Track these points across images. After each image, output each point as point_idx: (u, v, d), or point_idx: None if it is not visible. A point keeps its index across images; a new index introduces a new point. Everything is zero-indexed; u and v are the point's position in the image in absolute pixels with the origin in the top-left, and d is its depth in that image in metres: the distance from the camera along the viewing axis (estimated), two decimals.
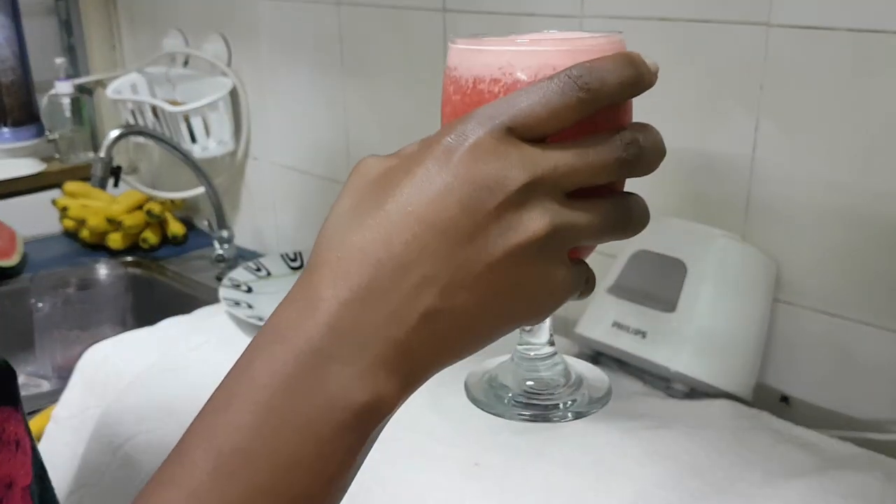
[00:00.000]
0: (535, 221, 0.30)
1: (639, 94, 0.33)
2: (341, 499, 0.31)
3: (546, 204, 0.30)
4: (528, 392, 0.39)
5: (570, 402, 0.39)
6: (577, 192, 0.31)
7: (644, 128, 0.33)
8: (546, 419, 0.38)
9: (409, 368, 0.30)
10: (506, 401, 0.39)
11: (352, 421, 0.30)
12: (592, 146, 0.31)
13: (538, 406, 0.38)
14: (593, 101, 0.31)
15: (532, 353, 0.39)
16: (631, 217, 0.33)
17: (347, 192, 0.32)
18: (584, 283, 0.33)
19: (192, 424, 0.31)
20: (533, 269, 0.30)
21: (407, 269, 0.29)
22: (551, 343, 0.40)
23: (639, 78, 0.32)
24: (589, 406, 0.38)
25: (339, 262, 0.30)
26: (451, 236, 0.29)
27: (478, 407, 0.39)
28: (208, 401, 0.32)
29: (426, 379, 0.32)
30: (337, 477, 0.30)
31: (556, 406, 0.38)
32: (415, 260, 0.29)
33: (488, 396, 0.39)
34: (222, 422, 0.30)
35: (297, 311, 0.30)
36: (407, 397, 0.31)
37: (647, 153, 0.32)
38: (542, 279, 0.31)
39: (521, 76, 0.32)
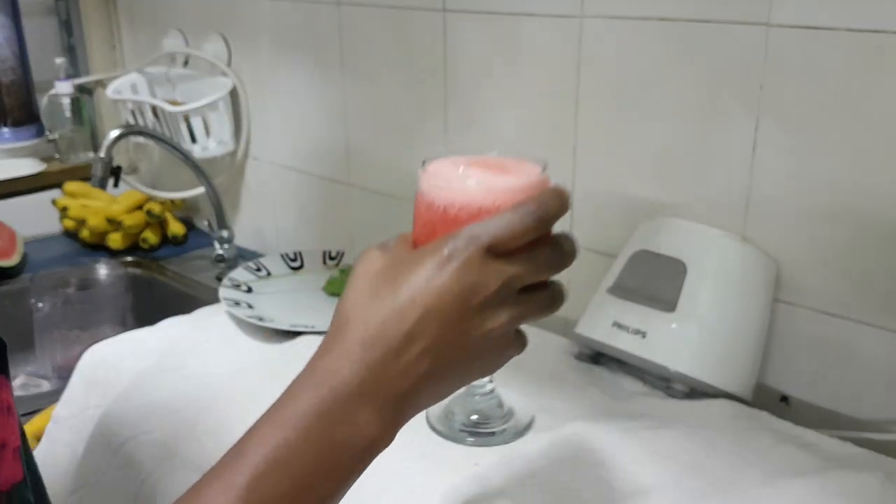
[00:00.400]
0: (502, 316, 0.43)
1: (565, 213, 0.46)
2: (342, 498, 0.43)
3: (509, 302, 0.44)
4: (473, 422, 0.53)
5: (503, 430, 0.53)
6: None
7: (567, 238, 0.47)
8: (487, 444, 0.53)
9: (405, 411, 0.43)
10: (457, 428, 0.53)
11: (365, 446, 0.42)
12: (537, 259, 0.45)
13: (480, 434, 0.53)
14: (543, 226, 0.44)
15: (476, 394, 0.53)
16: (555, 301, 0.47)
17: (361, 277, 0.44)
18: (521, 347, 0.47)
19: (248, 431, 0.42)
20: (495, 344, 0.44)
21: (413, 340, 0.42)
22: (490, 380, 0.54)
23: (566, 207, 0.46)
24: (515, 435, 0.53)
25: (365, 329, 0.42)
26: (445, 321, 0.42)
27: (437, 434, 0.53)
28: (264, 415, 0.43)
29: (420, 411, 0.45)
30: (347, 482, 0.43)
31: (492, 433, 0.53)
32: (419, 335, 0.41)
33: (444, 426, 0.54)
34: (273, 434, 0.41)
35: (334, 360, 0.42)
36: (399, 428, 0.44)
37: (569, 258, 0.46)
38: (499, 351, 0.45)
39: (484, 205, 0.44)
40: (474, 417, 0.54)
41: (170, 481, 0.72)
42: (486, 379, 0.53)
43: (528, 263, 0.44)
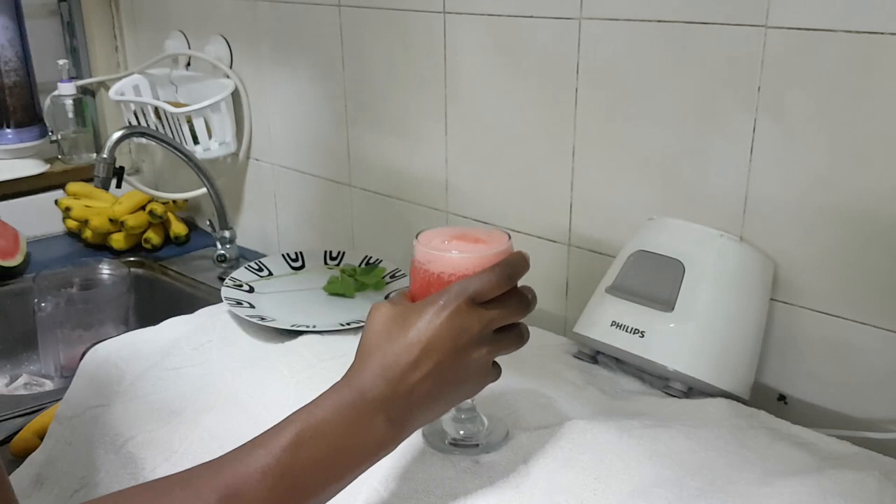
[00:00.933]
0: (483, 350, 0.57)
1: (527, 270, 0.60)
2: (347, 484, 0.54)
3: (487, 340, 0.57)
4: (460, 438, 0.66)
5: (485, 443, 0.66)
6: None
7: (529, 290, 0.60)
8: (470, 454, 0.65)
9: (409, 423, 0.56)
10: (446, 442, 0.66)
11: (376, 444, 0.55)
12: (508, 306, 0.58)
13: (465, 446, 0.66)
14: (512, 282, 0.58)
15: (462, 415, 0.66)
16: (521, 338, 0.60)
17: (378, 321, 0.57)
18: (497, 375, 0.61)
19: (293, 412, 0.54)
20: (477, 372, 0.58)
21: (419, 366, 0.55)
22: (472, 402, 0.67)
23: (528, 266, 0.59)
24: (493, 447, 0.66)
25: (384, 357, 0.55)
26: (442, 353, 0.55)
27: (430, 447, 0.66)
28: (306, 404, 0.54)
29: (417, 428, 0.57)
30: (357, 470, 0.54)
31: (476, 445, 0.66)
32: (423, 363, 0.55)
33: (436, 439, 0.67)
34: (316, 413, 0.54)
35: (362, 376, 0.55)
36: (400, 441, 0.56)
37: (531, 304, 0.60)
38: (481, 378, 0.59)
39: (468, 272, 0.59)
40: (461, 433, 0.66)
41: None
42: (470, 402, 0.66)
43: (501, 310, 0.58)
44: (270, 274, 1.07)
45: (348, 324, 0.91)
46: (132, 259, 1.44)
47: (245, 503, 0.50)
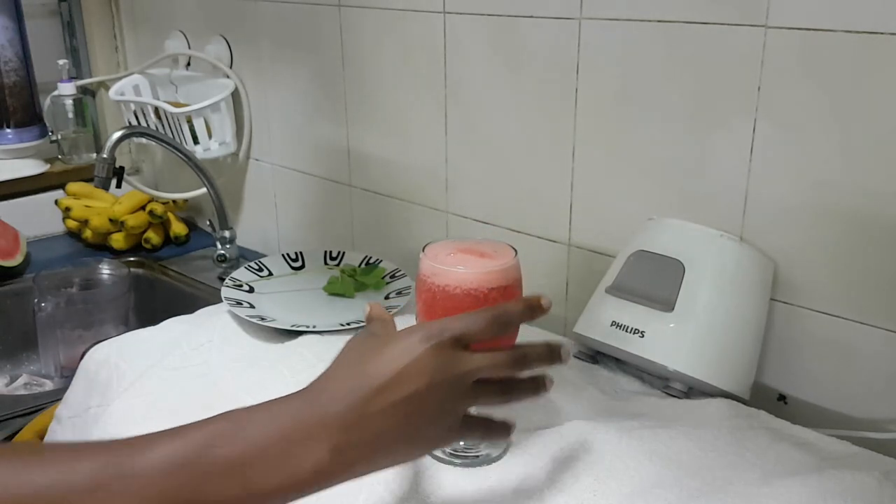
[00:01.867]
0: (459, 398, 0.52)
1: (533, 320, 0.55)
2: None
3: (466, 388, 0.52)
4: (460, 448, 0.66)
5: (486, 455, 0.65)
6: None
7: (531, 349, 0.55)
8: (470, 465, 0.65)
9: (355, 462, 0.49)
10: (447, 452, 0.65)
11: (309, 469, 0.47)
12: (495, 359, 0.53)
13: (465, 457, 0.65)
14: (502, 328, 0.54)
15: None
16: (506, 393, 0.55)
17: (352, 349, 0.53)
18: (466, 433, 0.56)
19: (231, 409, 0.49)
20: (449, 422, 0.52)
21: (385, 394, 0.49)
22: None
23: (532, 315, 0.55)
24: (493, 459, 0.65)
25: (350, 379, 0.50)
26: (415, 387, 0.50)
27: (431, 457, 0.65)
28: (275, 398, 0.50)
29: (363, 472, 0.50)
30: (283, 495, 0.47)
31: (476, 456, 0.65)
32: (390, 391, 0.49)
33: (438, 451, 0.65)
34: (243, 411, 0.49)
35: (320, 393, 0.50)
36: (342, 480, 0.49)
37: (531, 360, 0.55)
38: (451, 431, 0.53)
39: (472, 285, 0.59)
40: (461, 443, 0.65)
41: None
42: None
43: (486, 361, 0.52)
44: (270, 274, 1.07)
45: (348, 324, 0.91)
46: (132, 259, 1.44)
47: (135, 485, 0.44)
